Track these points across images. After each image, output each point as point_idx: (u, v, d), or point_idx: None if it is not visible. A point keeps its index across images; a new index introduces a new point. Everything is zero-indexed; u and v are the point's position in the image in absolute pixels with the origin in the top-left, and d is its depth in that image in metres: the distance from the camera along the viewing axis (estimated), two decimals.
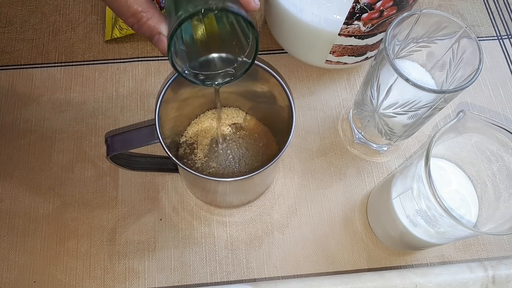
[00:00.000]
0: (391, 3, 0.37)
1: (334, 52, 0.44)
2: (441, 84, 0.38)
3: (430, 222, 0.32)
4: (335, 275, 0.38)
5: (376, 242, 0.42)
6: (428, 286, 0.36)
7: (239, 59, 0.28)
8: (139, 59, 0.49)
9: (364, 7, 0.37)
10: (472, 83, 0.32)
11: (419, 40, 0.37)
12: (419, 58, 0.39)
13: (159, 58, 0.50)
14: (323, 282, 0.36)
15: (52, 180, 0.43)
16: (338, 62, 0.46)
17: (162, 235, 0.41)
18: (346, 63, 0.47)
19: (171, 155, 0.32)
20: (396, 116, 0.37)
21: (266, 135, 0.44)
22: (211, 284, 0.40)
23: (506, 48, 0.52)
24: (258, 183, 0.39)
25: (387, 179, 0.40)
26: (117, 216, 0.42)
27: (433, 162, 0.36)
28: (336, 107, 0.48)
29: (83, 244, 0.41)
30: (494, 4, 0.55)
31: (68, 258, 0.40)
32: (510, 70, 0.51)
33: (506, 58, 0.52)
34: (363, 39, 0.42)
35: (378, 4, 0.37)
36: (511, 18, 0.54)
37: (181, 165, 0.32)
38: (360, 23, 0.39)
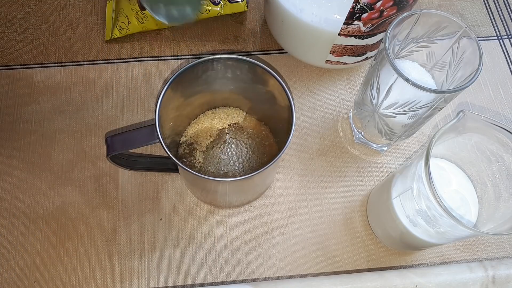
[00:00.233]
0: (391, 3, 0.37)
1: (334, 52, 0.44)
2: (441, 84, 0.38)
3: (430, 222, 0.32)
4: (335, 275, 0.38)
5: (376, 242, 0.42)
6: (428, 286, 0.36)
7: None
8: (139, 59, 0.49)
9: (364, 7, 0.37)
10: (472, 83, 0.32)
11: (419, 40, 0.37)
12: (419, 58, 0.39)
13: (159, 58, 0.50)
14: (323, 282, 0.36)
15: (52, 180, 0.43)
16: (338, 62, 0.46)
17: (162, 235, 0.41)
18: (346, 63, 0.47)
19: (171, 155, 0.32)
20: (396, 116, 0.37)
21: (266, 135, 0.44)
22: (211, 284, 0.40)
23: (506, 48, 0.52)
24: (258, 183, 0.39)
25: (387, 179, 0.40)
26: (117, 216, 0.42)
27: (433, 162, 0.36)
28: (336, 107, 0.48)
29: (83, 244, 0.41)
30: (494, 4, 0.55)
31: (68, 258, 0.40)
32: (510, 70, 0.51)
33: (506, 58, 0.52)
34: (363, 39, 0.42)
35: (378, 4, 0.37)
36: (511, 18, 0.54)
37: (181, 165, 0.32)
38: (360, 23, 0.39)
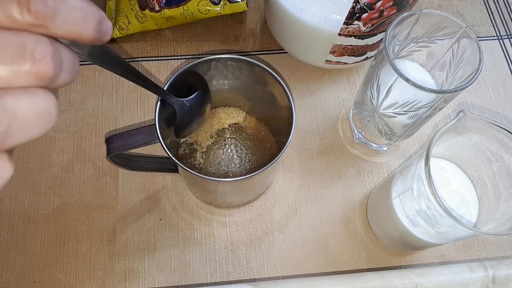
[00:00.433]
0: (391, 3, 0.37)
1: (334, 52, 0.44)
2: (441, 84, 0.38)
3: (430, 222, 0.32)
4: (335, 275, 0.38)
5: (376, 242, 0.42)
6: (428, 286, 0.36)
7: None
8: (139, 59, 0.49)
9: (364, 7, 0.37)
10: (472, 83, 0.32)
11: (419, 40, 0.37)
12: (419, 58, 0.39)
13: (159, 58, 0.50)
14: (323, 282, 0.36)
15: (52, 180, 0.43)
16: (338, 62, 0.46)
17: (162, 235, 0.41)
18: (346, 63, 0.47)
19: (171, 155, 0.32)
20: (396, 116, 0.37)
21: (266, 135, 0.44)
22: (211, 284, 0.40)
23: (506, 48, 0.52)
24: (258, 183, 0.39)
25: (387, 179, 0.40)
26: (117, 216, 0.42)
27: (433, 162, 0.36)
28: (336, 107, 0.48)
29: (83, 244, 0.41)
30: (494, 4, 0.55)
31: (68, 258, 0.40)
32: (510, 70, 0.51)
33: (506, 58, 0.52)
34: (363, 39, 0.42)
35: (378, 4, 0.37)
36: (511, 18, 0.54)
37: (181, 165, 0.32)
38: (360, 23, 0.39)
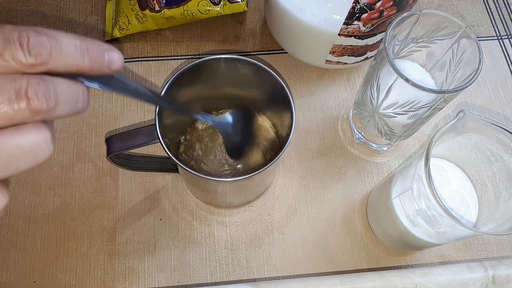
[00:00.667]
0: (391, 3, 0.37)
1: (334, 52, 0.44)
2: (441, 84, 0.38)
3: (430, 222, 0.32)
4: (335, 275, 0.38)
5: (376, 242, 0.42)
6: (428, 286, 0.36)
7: None
8: (139, 59, 0.49)
9: (364, 7, 0.37)
10: (472, 83, 0.32)
11: (419, 40, 0.37)
12: (419, 58, 0.39)
13: (159, 58, 0.50)
14: (323, 282, 0.36)
15: (52, 180, 0.43)
16: (338, 62, 0.46)
17: (162, 235, 0.41)
18: (346, 63, 0.47)
19: (171, 155, 0.32)
20: (396, 116, 0.37)
21: (266, 135, 0.44)
22: (211, 284, 0.40)
23: (506, 48, 0.52)
24: (258, 183, 0.39)
25: (387, 179, 0.40)
26: (117, 216, 0.42)
27: (433, 162, 0.36)
28: (336, 107, 0.48)
29: (83, 244, 0.41)
30: (494, 4, 0.55)
31: (68, 258, 0.40)
32: (510, 70, 0.51)
33: (506, 58, 0.52)
34: (363, 39, 0.42)
35: (378, 4, 0.37)
36: (511, 18, 0.54)
37: (181, 165, 0.32)
38: (360, 23, 0.39)
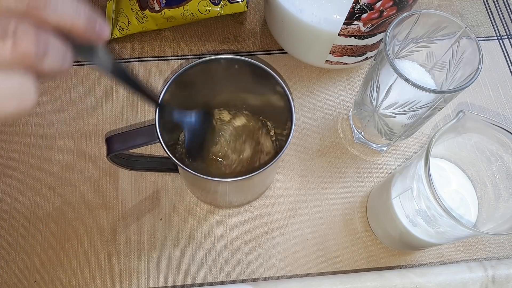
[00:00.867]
0: (391, 3, 0.37)
1: (334, 52, 0.44)
2: (441, 84, 0.38)
3: (430, 222, 0.33)
4: (335, 275, 0.38)
5: (376, 242, 0.42)
6: (428, 286, 0.36)
7: None
8: (139, 59, 0.49)
9: (364, 7, 0.37)
10: (471, 83, 0.32)
11: (419, 40, 0.37)
12: (419, 58, 0.39)
13: (159, 58, 0.50)
14: (323, 282, 0.36)
15: (52, 180, 0.43)
16: (338, 62, 0.46)
17: (162, 235, 0.41)
18: (346, 63, 0.47)
19: (171, 155, 0.32)
20: (396, 116, 0.37)
21: (266, 135, 0.44)
22: (211, 284, 0.40)
23: (506, 48, 0.52)
24: (258, 183, 0.39)
25: (387, 179, 0.40)
26: (117, 216, 0.42)
27: (433, 162, 0.37)
28: (336, 107, 0.48)
29: (83, 244, 0.41)
30: (494, 4, 0.55)
31: (68, 258, 0.40)
32: (510, 70, 0.51)
33: (506, 58, 0.52)
34: (363, 39, 0.42)
35: (378, 4, 0.37)
36: (511, 18, 0.54)
37: (181, 165, 0.32)
38: (360, 23, 0.39)
